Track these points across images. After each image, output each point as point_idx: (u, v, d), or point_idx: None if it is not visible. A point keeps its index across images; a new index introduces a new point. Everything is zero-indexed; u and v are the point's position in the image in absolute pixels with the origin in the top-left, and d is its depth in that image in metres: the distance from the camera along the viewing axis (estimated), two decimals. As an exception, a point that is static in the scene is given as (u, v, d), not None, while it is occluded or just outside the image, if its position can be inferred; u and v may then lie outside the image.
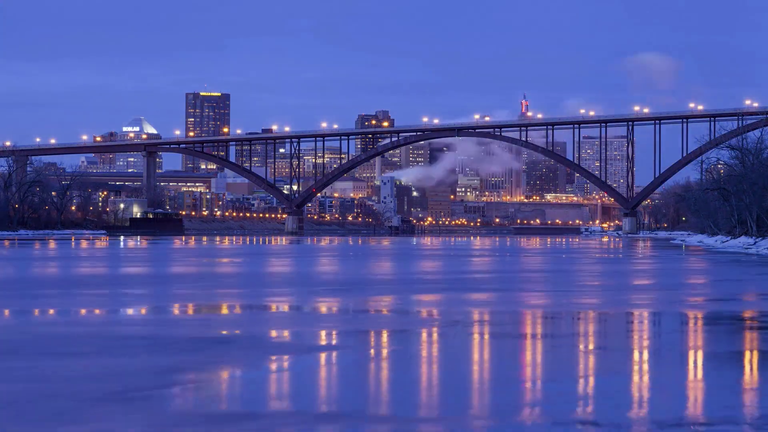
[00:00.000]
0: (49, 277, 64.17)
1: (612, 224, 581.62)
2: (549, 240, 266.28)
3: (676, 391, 20.02)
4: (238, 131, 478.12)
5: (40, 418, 17.48)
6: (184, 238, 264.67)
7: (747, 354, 25.72)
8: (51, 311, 38.39)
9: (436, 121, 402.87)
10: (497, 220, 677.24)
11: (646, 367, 23.42)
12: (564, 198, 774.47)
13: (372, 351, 26.09)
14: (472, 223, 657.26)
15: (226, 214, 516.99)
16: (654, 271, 75.63)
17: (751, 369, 23.24)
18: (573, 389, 19.98)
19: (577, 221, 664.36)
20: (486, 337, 29.53)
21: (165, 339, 28.51)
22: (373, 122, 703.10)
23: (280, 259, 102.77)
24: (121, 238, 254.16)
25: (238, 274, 68.23)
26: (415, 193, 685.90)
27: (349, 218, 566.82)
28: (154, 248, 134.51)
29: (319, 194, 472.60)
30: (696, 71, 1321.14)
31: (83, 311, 38.28)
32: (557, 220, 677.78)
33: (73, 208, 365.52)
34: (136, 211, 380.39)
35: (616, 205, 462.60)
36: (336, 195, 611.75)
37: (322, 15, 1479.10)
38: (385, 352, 26.01)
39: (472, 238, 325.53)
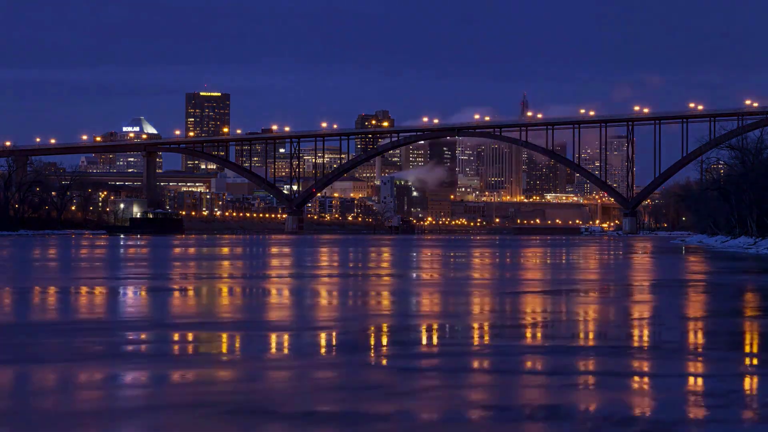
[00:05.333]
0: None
1: (612, 224, 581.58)
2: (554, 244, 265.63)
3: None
4: (238, 131, 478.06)
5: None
6: (184, 236, 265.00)
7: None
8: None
9: (436, 121, 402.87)
10: (497, 220, 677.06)
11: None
12: (564, 198, 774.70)
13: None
14: (472, 223, 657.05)
15: (226, 214, 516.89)
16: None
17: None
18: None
19: (577, 221, 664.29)
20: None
21: None
22: (373, 122, 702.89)
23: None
24: (121, 237, 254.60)
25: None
26: (415, 193, 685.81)
27: (349, 218, 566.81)
28: (173, 256, 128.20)
29: (319, 194, 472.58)
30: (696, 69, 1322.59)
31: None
32: (557, 220, 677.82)
33: (73, 208, 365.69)
34: (136, 211, 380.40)
35: (616, 205, 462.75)
36: (336, 195, 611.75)
37: (322, 15, 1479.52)
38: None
39: (472, 238, 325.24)
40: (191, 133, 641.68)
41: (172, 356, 23.86)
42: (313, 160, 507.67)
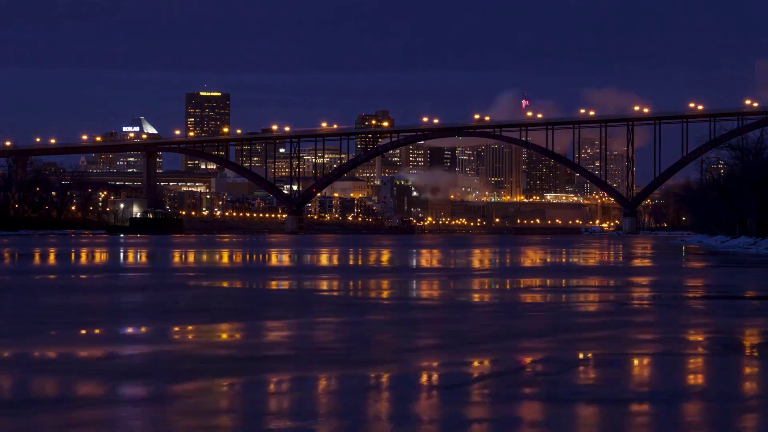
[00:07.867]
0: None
1: (612, 224, 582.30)
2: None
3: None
4: (238, 131, 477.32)
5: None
6: (184, 236, 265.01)
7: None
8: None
9: (435, 121, 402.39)
10: (497, 220, 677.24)
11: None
12: (564, 198, 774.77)
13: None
14: (472, 223, 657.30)
15: (226, 214, 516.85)
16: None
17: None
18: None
19: (577, 221, 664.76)
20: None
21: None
22: (373, 122, 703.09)
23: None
24: (121, 236, 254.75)
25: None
26: (415, 193, 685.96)
27: (349, 218, 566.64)
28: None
29: (319, 194, 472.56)
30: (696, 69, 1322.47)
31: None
32: (557, 220, 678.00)
33: (73, 208, 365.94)
34: (136, 211, 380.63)
35: (616, 205, 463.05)
36: (336, 195, 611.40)
37: (322, 15, 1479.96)
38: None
39: (473, 239, 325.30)
40: (191, 133, 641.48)
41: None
42: (313, 160, 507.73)
